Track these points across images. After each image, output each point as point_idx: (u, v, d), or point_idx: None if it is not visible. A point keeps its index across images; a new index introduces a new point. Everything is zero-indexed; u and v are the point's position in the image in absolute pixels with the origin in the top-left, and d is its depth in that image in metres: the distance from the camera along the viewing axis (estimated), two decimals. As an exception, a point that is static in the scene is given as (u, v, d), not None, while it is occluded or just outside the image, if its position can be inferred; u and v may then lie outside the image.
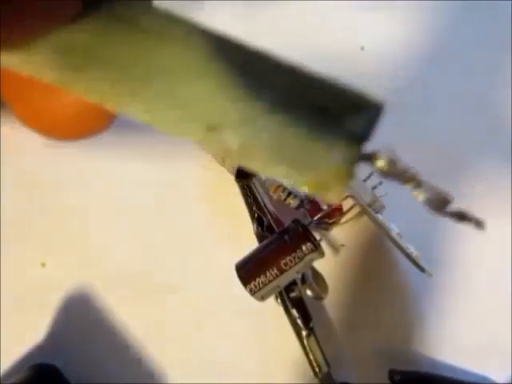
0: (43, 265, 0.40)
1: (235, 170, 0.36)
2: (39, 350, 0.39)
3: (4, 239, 0.41)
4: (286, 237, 0.33)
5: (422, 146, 0.41)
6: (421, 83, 0.42)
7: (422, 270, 0.31)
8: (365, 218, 0.34)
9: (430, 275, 0.31)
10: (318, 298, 0.34)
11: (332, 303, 0.39)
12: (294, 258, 0.32)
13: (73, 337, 0.40)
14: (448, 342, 0.38)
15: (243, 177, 0.37)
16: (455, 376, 0.37)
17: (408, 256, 0.31)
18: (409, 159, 0.41)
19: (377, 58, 0.42)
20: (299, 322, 0.36)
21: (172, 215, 0.41)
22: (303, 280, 0.35)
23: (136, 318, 0.40)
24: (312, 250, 0.32)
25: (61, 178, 0.42)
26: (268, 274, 0.33)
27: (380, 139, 0.42)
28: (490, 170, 0.40)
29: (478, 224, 0.29)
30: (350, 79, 0.44)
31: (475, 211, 0.40)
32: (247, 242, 0.34)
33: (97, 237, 0.41)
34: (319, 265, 0.35)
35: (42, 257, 0.40)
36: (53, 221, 0.41)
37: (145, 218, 0.41)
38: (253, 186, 0.37)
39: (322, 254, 0.33)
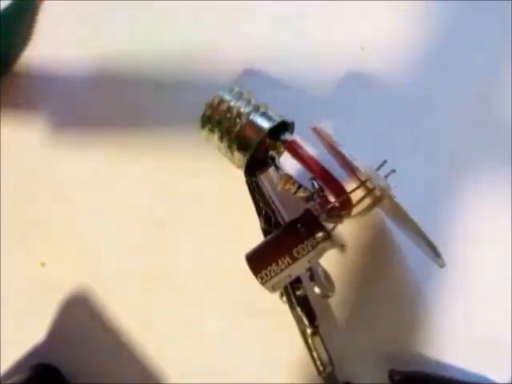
0: (43, 265, 0.40)
1: (244, 165, 0.36)
2: (39, 349, 0.39)
3: (4, 239, 0.41)
4: (299, 225, 0.33)
5: (422, 146, 0.41)
6: (421, 83, 0.42)
7: (438, 255, 0.30)
8: (371, 216, 0.34)
9: (443, 265, 0.31)
10: (325, 295, 0.34)
11: (333, 303, 0.39)
12: (307, 245, 0.32)
13: (73, 337, 0.39)
14: (448, 342, 0.38)
15: (251, 173, 0.37)
16: (455, 376, 0.37)
17: (426, 240, 0.30)
18: (408, 159, 0.41)
19: (377, 58, 0.42)
20: (304, 320, 0.36)
21: (173, 215, 0.41)
22: (311, 277, 0.35)
23: (136, 318, 0.40)
24: (325, 238, 0.32)
25: (61, 178, 0.42)
26: (280, 263, 0.32)
27: (381, 139, 0.43)
28: (490, 170, 0.40)
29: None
30: (350, 79, 0.44)
31: (475, 211, 0.40)
32: (250, 241, 0.34)
33: (97, 237, 0.41)
34: (323, 264, 0.35)
35: (42, 257, 0.40)
36: (53, 221, 0.41)
37: (145, 217, 0.41)
38: (260, 183, 0.37)
39: (333, 244, 0.33)
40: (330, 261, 0.35)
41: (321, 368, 0.36)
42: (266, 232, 0.36)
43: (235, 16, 0.44)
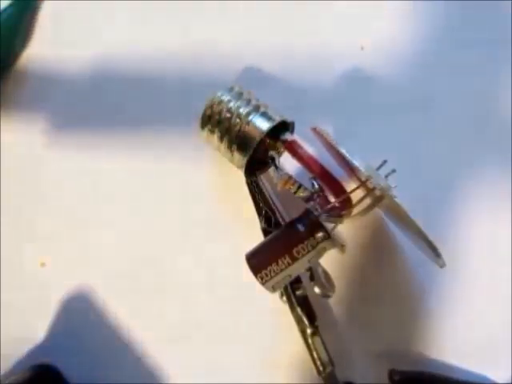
0: (43, 265, 0.40)
1: (244, 165, 0.36)
2: (39, 350, 0.39)
3: (4, 239, 0.41)
4: (299, 225, 0.33)
5: (422, 147, 0.41)
6: (421, 83, 0.42)
7: (438, 255, 0.30)
8: (371, 216, 0.34)
9: (443, 265, 0.31)
10: (325, 295, 0.34)
11: (333, 303, 0.39)
12: (307, 245, 0.32)
13: (73, 337, 0.39)
14: (448, 342, 0.38)
15: (251, 173, 0.37)
16: (455, 376, 0.37)
17: (426, 240, 0.30)
18: (408, 159, 0.41)
19: (377, 57, 0.42)
20: (304, 320, 0.36)
21: (172, 215, 0.41)
22: (311, 277, 0.35)
23: (136, 318, 0.40)
24: (325, 238, 0.32)
25: (61, 178, 0.42)
26: (280, 263, 0.32)
27: (381, 139, 0.43)
28: (490, 170, 0.40)
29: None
30: (350, 79, 0.44)
31: (475, 210, 0.40)
32: (249, 242, 0.34)
33: (97, 237, 0.41)
34: (323, 264, 0.35)
35: (42, 257, 0.40)
36: (53, 221, 0.41)
37: (145, 217, 0.41)
38: (260, 183, 0.38)
39: (333, 244, 0.33)
40: (329, 261, 0.35)
41: (321, 368, 0.36)
42: (265, 232, 0.36)
43: (235, 15, 0.43)
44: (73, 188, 0.41)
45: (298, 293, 0.36)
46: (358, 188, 0.33)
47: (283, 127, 0.36)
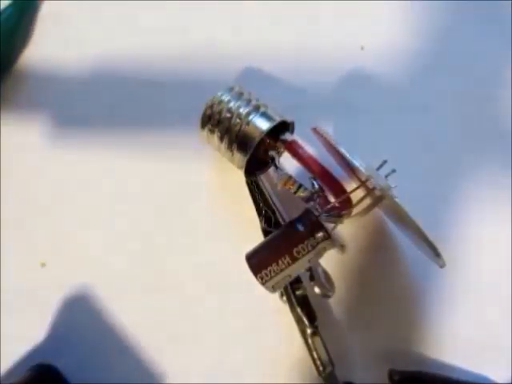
0: (43, 265, 0.40)
1: (244, 165, 0.36)
2: (39, 350, 0.39)
3: (4, 239, 0.41)
4: (299, 225, 0.33)
5: (422, 147, 0.41)
6: (421, 83, 0.42)
7: (438, 255, 0.30)
8: (371, 216, 0.34)
9: (443, 265, 0.31)
10: (325, 295, 0.34)
11: (333, 303, 0.39)
12: (307, 245, 0.32)
13: (73, 337, 0.39)
14: (448, 341, 0.38)
15: (251, 173, 0.37)
16: (455, 376, 0.37)
17: (426, 240, 0.30)
18: (408, 159, 0.41)
19: (377, 57, 0.42)
20: (304, 320, 0.36)
21: (172, 215, 0.41)
22: (311, 277, 0.35)
23: (136, 318, 0.40)
24: (325, 238, 0.33)
25: (61, 178, 0.42)
26: (280, 263, 0.32)
27: (381, 139, 0.43)
28: (490, 171, 0.40)
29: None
30: (350, 79, 0.44)
31: (475, 211, 0.40)
32: (250, 242, 0.34)
33: (97, 237, 0.41)
34: (323, 264, 0.35)
35: (42, 257, 0.40)
36: (53, 221, 0.41)
37: (145, 217, 0.41)
38: (260, 183, 0.38)
39: (333, 244, 0.33)
40: (329, 261, 0.35)
41: (321, 368, 0.36)
42: (266, 232, 0.36)
43: (235, 16, 0.44)
44: (73, 188, 0.41)
45: (298, 293, 0.36)
46: (358, 188, 0.33)
47: (283, 127, 0.36)
